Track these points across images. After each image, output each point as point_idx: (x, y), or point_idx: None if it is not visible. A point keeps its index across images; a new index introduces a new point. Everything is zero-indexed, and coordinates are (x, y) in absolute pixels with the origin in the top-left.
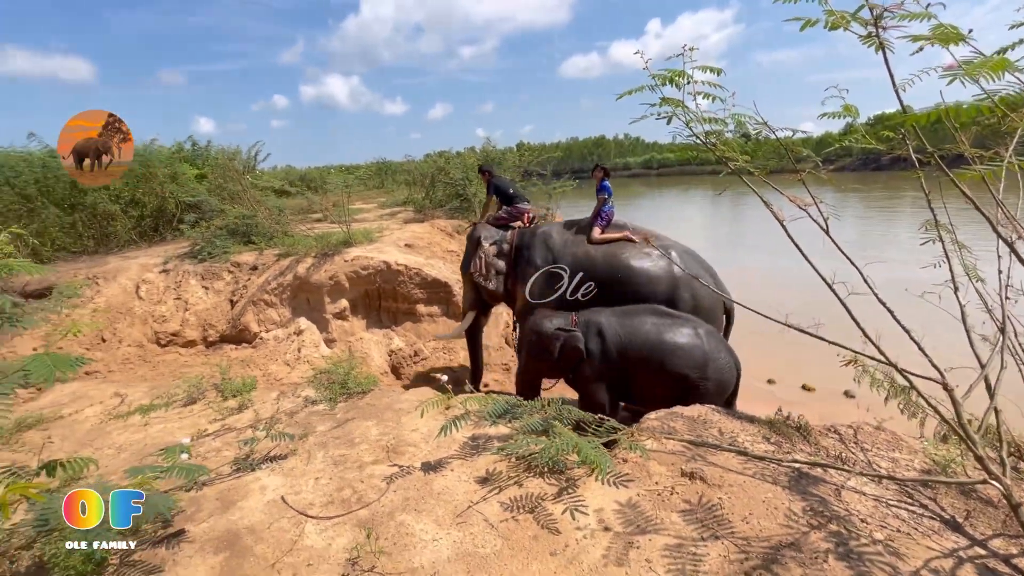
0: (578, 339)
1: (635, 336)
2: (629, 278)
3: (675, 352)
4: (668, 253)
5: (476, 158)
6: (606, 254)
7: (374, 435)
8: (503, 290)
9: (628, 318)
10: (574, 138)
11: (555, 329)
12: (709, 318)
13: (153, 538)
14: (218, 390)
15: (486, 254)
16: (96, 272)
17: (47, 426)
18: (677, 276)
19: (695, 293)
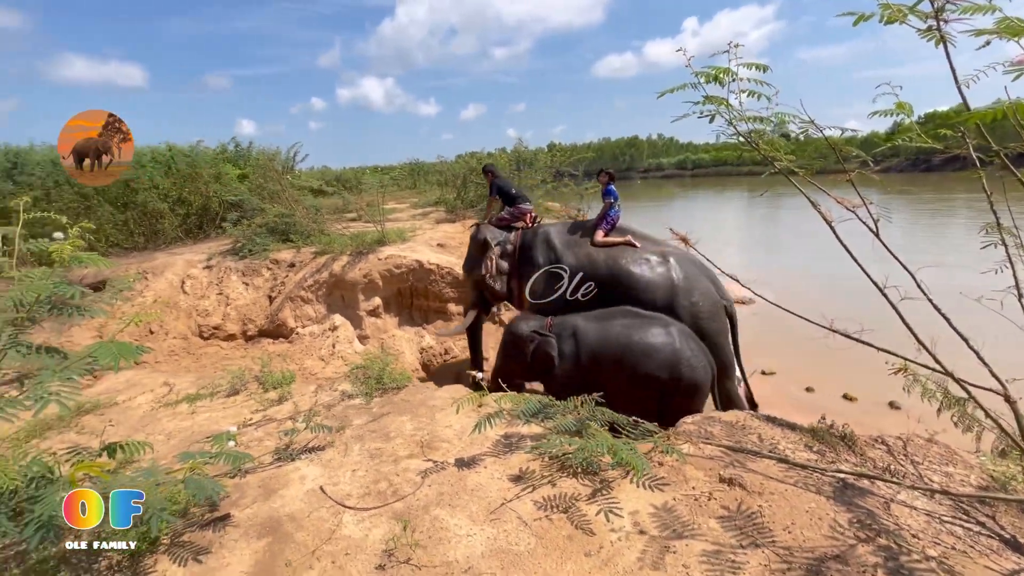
0: (551, 344)
1: (607, 338)
2: (628, 283)
3: (646, 353)
4: (667, 259)
5: (508, 158)
6: (608, 257)
7: (409, 430)
8: (507, 290)
9: (601, 321)
10: (606, 138)
11: (530, 332)
12: (710, 323)
13: (201, 521)
14: (259, 382)
15: (495, 255)
16: (145, 267)
17: (104, 411)
18: (676, 283)
19: (693, 300)
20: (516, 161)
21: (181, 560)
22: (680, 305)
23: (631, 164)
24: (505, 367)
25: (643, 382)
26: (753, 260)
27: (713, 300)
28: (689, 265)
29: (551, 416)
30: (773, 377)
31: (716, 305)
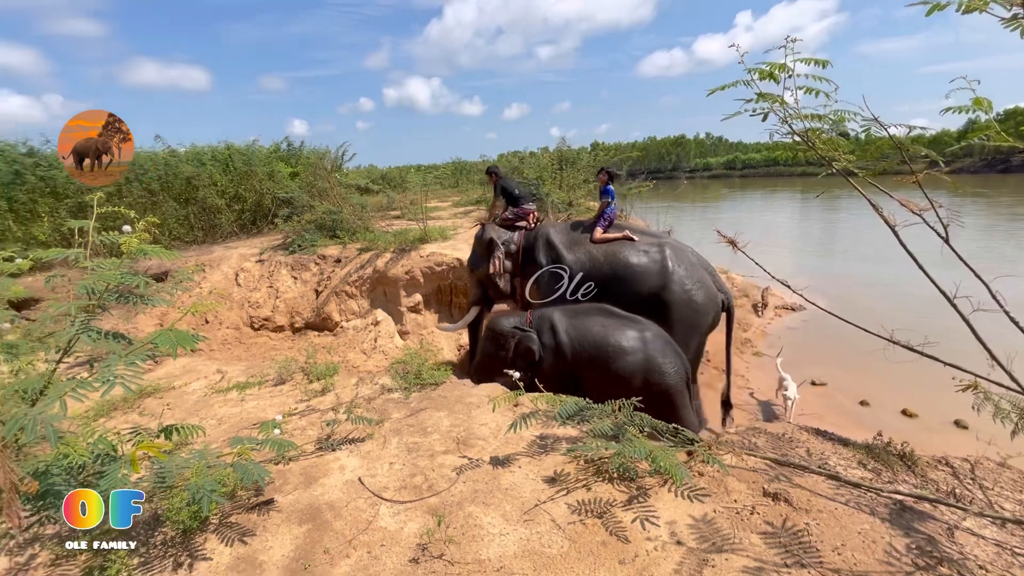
0: (532, 340)
1: (585, 337)
2: (625, 274)
3: (620, 354)
4: (663, 249)
5: (550, 158)
6: (606, 252)
7: (445, 426)
8: (510, 288)
9: (579, 318)
10: (652, 137)
11: (511, 328)
12: (703, 313)
13: (247, 504)
14: (304, 373)
15: (501, 254)
16: (204, 260)
17: (163, 395)
18: (669, 271)
19: (687, 288)
20: (559, 160)
21: (228, 540)
22: (672, 291)
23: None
24: (486, 362)
25: (616, 380)
26: (806, 265)
27: (709, 293)
28: (686, 256)
29: (588, 419)
30: (823, 388)
31: (712, 298)
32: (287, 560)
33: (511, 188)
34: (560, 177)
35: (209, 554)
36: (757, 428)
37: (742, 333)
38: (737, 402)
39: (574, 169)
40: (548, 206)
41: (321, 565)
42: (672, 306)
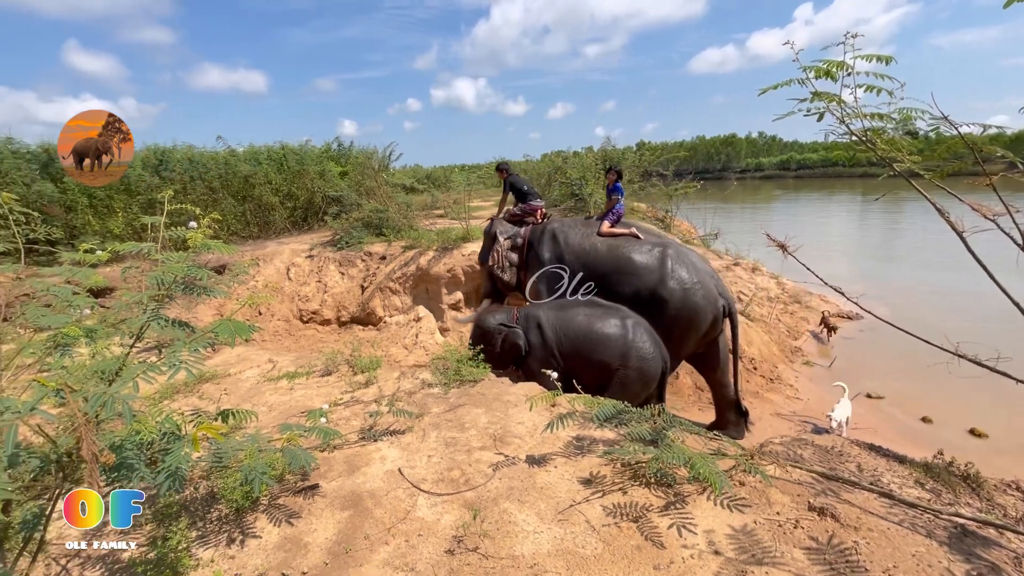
0: (518, 335)
1: (568, 328)
2: (626, 269)
3: (600, 341)
4: (664, 250)
5: (594, 157)
6: (609, 246)
7: (483, 423)
8: (516, 281)
9: (564, 311)
10: (701, 137)
11: (497, 325)
12: (700, 314)
13: (294, 488)
14: (349, 365)
15: (502, 247)
16: (258, 254)
17: (219, 381)
18: (667, 270)
19: (686, 288)
20: (603, 160)
21: (276, 521)
22: (669, 289)
23: (727, 164)
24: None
25: (597, 367)
26: (865, 271)
27: (708, 296)
28: (687, 259)
29: (625, 422)
30: (880, 402)
31: (710, 302)
32: (330, 543)
33: (519, 185)
34: (604, 177)
35: (259, 532)
36: (804, 440)
37: (792, 341)
38: (784, 412)
39: None
40: (591, 207)
41: (361, 550)
42: (668, 304)
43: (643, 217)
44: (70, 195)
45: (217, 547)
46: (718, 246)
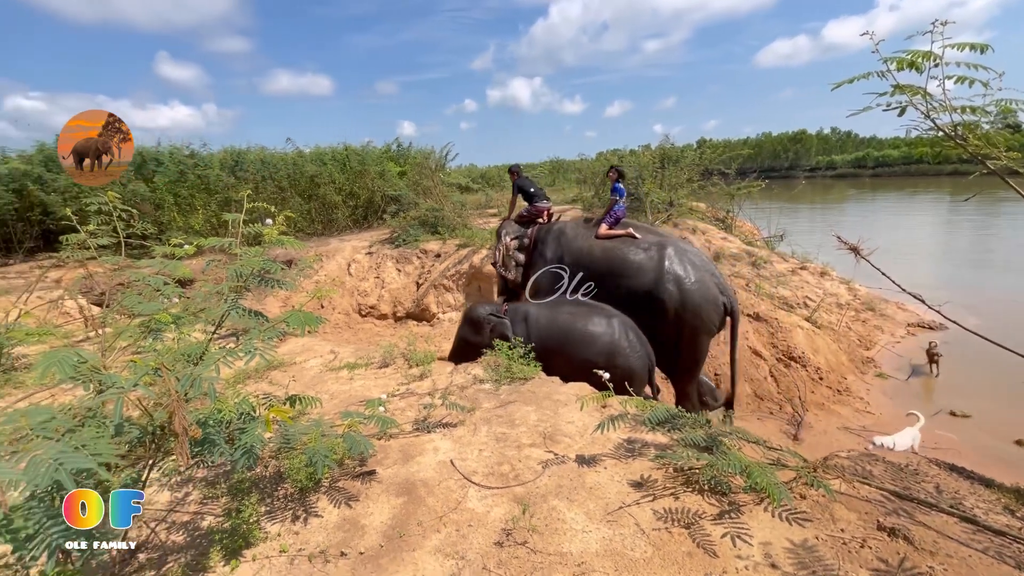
0: (506, 326)
1: (553, 324)
2: (621, 270)
3: (584, 339)
4: (663, 249)
5: (652, 156)
6: (605, 248)
7: (533, 420)
8: (524, 280)
9: (551, 308)
10: (767, 133)
11: (487, 315)
12: (698, 313)
13: (352, 472)
14: (405, 358)
15: (507, 247)
16: (322, 250)
17: (287, 369)
18: (664, 270)
19: (684, 288)
20: (660, 159)
21: (336, 503)
22: (666, 290)
23: (795, 162)
24: (462, 347)
25: (582, 366)
26: (952, 278)
27: (708, 295)
28: (687, 257)
29: (679, 427)
30: (967, 421)
31: (710, 301)
32: (384, 527)
33: (527, 187)
34: (661, 176)
35: (320, 512)
36: (874, 455)
37: (864, 352)
38: (852, 426)
39: (677, 168)
40: (647, 206)
41: (414, 536)
42: (666, 304)
43: (702, 217)
44: (159, 194)
45: (283, 523)
46: (783, 248)
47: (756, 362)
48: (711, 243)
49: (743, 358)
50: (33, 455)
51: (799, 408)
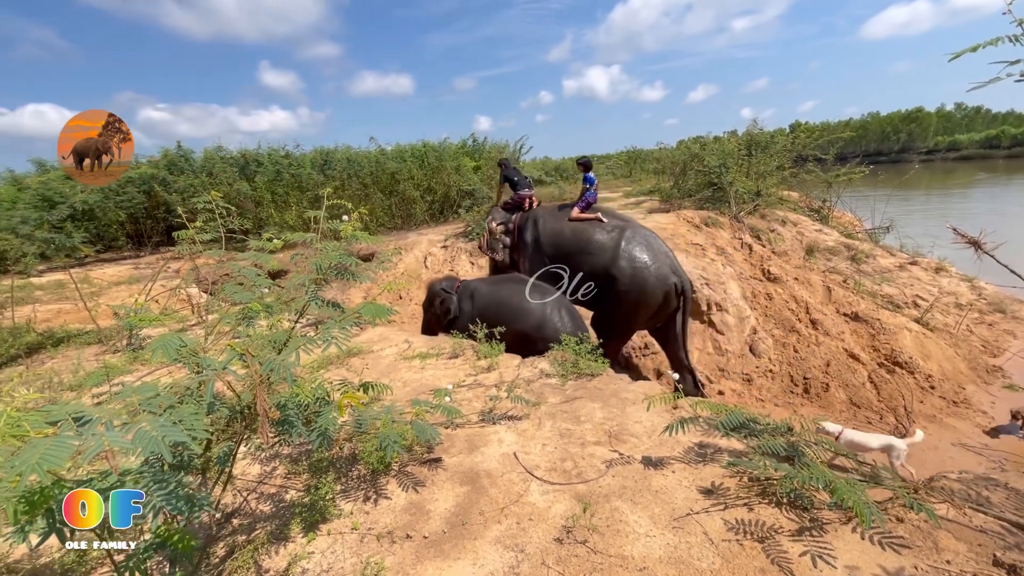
0: (451, 301)
1: (492, 299)
2: (587, 248)
3: (518, 313)
4: (622, 232)
5: (738, 142)
6: (574, 229)
7: (598, 417)
8: (509, 261)
9: (496, 285)
10: (874, 113)
11: (439, 289)
12: (648, 291)
13: (420, 458)
14: (474, 351)
15: (493, 231)
16: (400, 244)
17: (363, 357)
18: (620, 250)
19: (636, 267)
20: (747, 145)
21: (404, 486)
22: (619, 268)
23: (908, 144)
24: (425, 317)
25: (517, 337)
26: None
27: (659, 275)
28: (642, 240)
29: (757, 434)
30: None
31: (661, 279)
32: (448, 514)
33: (513, 177)
34: (748, 164)
35: (389, 495)
36: (994, 479)
37: (990, 359)
38: (972, 444)
39: (765, 154)
40: (731, 196)
41: (476, 525)
42: (619, 280)
43: (794, 207)
44: (259, 192)
45: (355, 502)
46: (890, 241)
47: (853, 366)
48: (803, 235)
49: (839, 361)
50: (139, 427)
51: (904, 420)
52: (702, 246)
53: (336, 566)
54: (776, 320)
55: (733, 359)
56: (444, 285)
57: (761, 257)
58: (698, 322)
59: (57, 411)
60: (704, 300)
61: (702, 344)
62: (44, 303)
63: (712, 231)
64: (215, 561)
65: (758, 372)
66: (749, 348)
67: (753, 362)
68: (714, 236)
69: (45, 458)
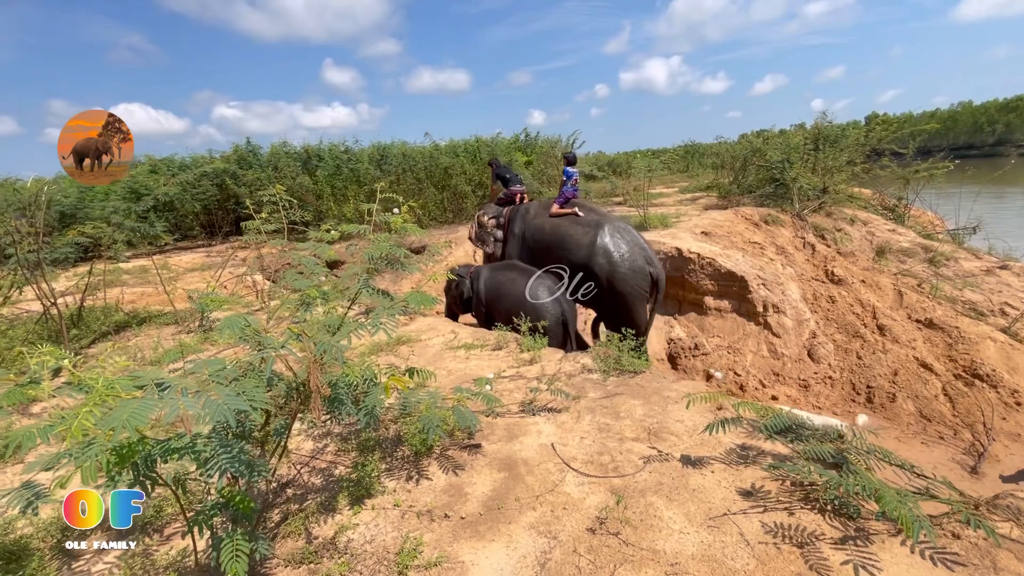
0: (465, 285)
1: (492, 282)
2: (563, 244)
3: (510, 296)
4: (599, 227)
5: (804, 136)
6: (554, 225)
7: (639, 414)
8: (500, 253)
9: (497, 272)
10: (965, 103)
11: (456, 275)
12: (626, 281)
13: (460, 443)
14: (517, 343)
15: (484, 224)
16: (451, 237)
17: (411, 345)
18: (597, 245)
19: (613, 260)
20: (814, 139)
21: (445, 469)
22: (597, 263)
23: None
24: (447, 301)
25: (505, 315)
26: None
27: (634, 266)
28: (619, 233)
29: (803, 438)
30: None
31: (637, 271)
32: (485, 498)
33: (504, 174)
34: (815, 159)
35: (430, 476)
36: None
37: None
38: None
39: (834, 149)
40: (794, 193)
41: (511, 510)
42: (596, 271)
43: (865, 205)
44: (319, 186)
45: (398, 481)
46: (976, 242)
47: (925, 377)
48: (874, 235)
49: (908, 371)
50: (208, 396)
51: (983, 437)
52: (760, 244)
53: (379, 538)
54: (839, 324)
55: (789, 363)
56: (459, 271)
57: (825, 257)
58: (752, 324)
59: (143, 376)
60: (760, 301)
61: (756, 347)
62: (130, 286)
63: (772, 229)
64: (270, 525)
65: (816, 378)
66: (807, 353)
67: (811, 367)
68: (774, 234)
69: (134, 416)
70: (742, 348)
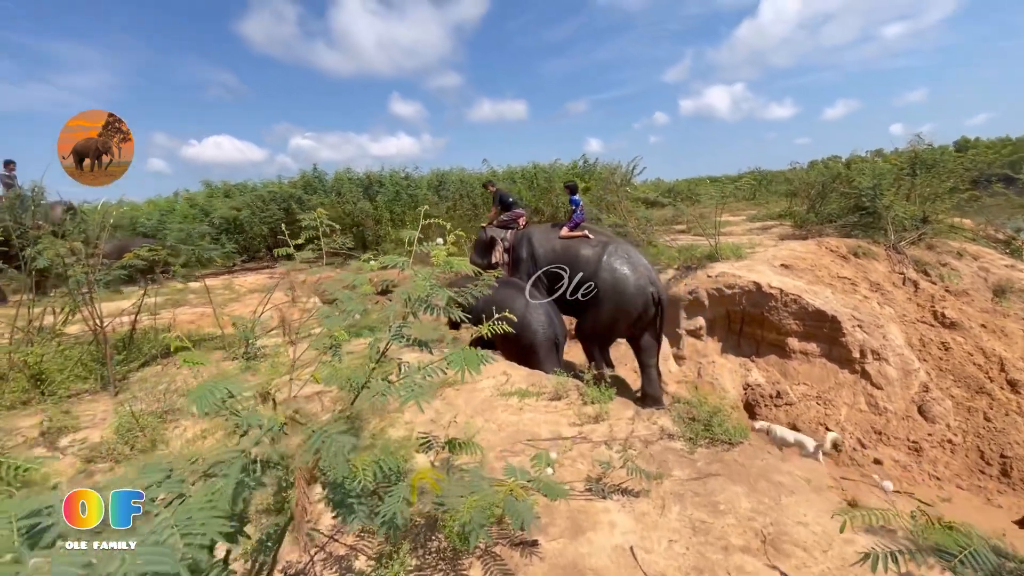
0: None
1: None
2: (574, 262)
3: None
4: (605, 247)
5: (897, 160)
6: (565, 246)
7: (744, 508)
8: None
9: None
10: None
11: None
12: (627, 299)
13: (512, 537)
14: (579, 393)
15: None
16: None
17: (459, 387)
18: (602, 263)
19: (616, 277)
20: (910, 164)
21: (490, 573)
22: (601, 279)
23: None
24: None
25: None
26: None
27: (637, 285)
28: (624, 254)
29: None
30: None
31: (639, 290)
32: None
33: (506, 197)
34: (911, 185)
35: None
36: None
37: None
38: None
39: (930, 175)
40: (888, 223)
41: None
42: (600, 289)
43: (973, 237)
44: (379, 211)
45: None
46: None
47: None
48: (988, 272)
49: None
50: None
51: None
52: (852, 280)
53: None
54: (956, 377)
55: (894, 421)
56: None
57: (931, 297)
58: (847, 372)
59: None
60: (856, 346)
61: (852, 399)
62: (193, 306)
63: (863, 263)
64: None
65: (931, 442)
66: (918, 409)
67: (924, 427)
68: (866, 269)
69: None
70: (834, 400)
